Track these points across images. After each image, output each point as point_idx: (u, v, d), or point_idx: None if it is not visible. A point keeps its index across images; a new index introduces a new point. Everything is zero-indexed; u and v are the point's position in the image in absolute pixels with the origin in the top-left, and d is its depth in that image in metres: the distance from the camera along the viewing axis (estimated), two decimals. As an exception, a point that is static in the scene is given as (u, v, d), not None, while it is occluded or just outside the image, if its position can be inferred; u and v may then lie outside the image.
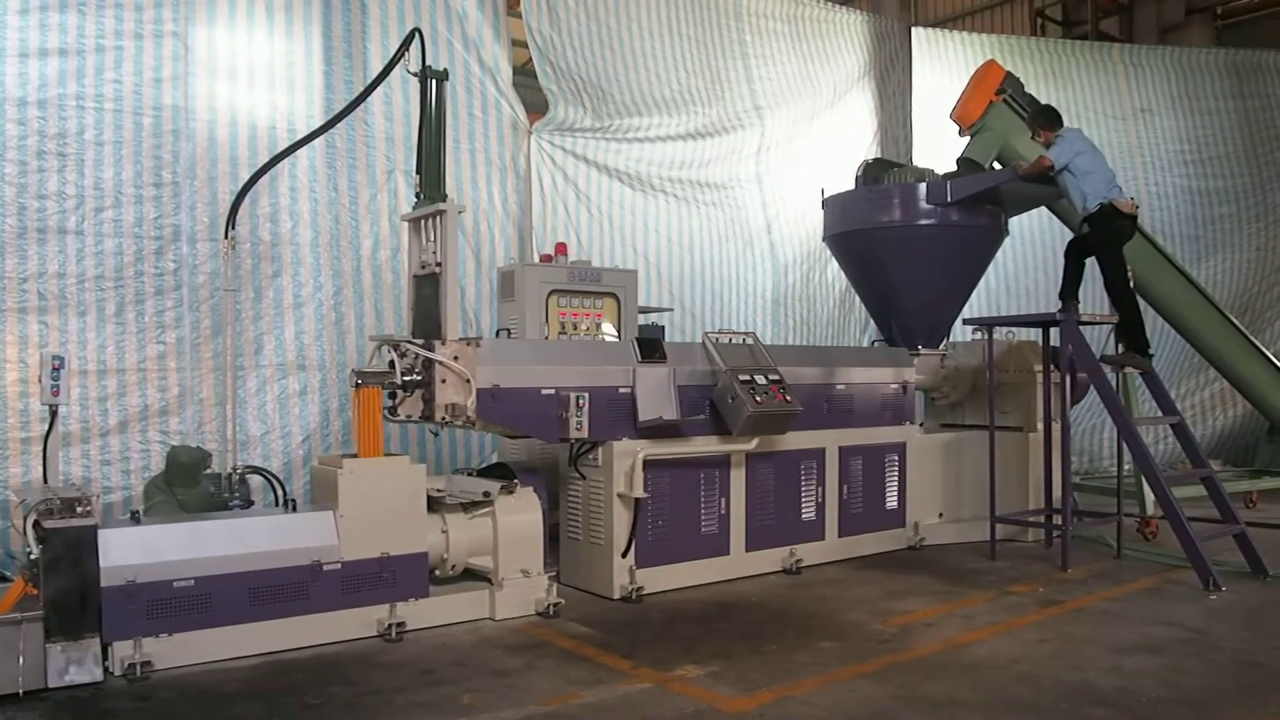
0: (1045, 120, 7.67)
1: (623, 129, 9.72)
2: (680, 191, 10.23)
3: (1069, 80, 12.53)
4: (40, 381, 5.61)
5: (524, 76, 9.34)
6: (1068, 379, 7.44)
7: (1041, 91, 11.90)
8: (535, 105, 9.26)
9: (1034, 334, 8.26)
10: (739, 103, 10.69)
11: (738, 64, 10.74)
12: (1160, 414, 7.76)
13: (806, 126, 11.35)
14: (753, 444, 6.75)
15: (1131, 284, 7.54)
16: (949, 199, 8.09)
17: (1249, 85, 13.22)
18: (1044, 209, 9.37)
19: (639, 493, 6.17)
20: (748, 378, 6.56)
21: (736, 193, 10.73)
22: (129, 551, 4.81)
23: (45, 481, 5.71)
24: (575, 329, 7.19)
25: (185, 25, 7.31)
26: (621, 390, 6.31)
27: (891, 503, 7.90)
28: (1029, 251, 12.09)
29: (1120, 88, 12.79)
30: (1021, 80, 8.86)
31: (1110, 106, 12.83)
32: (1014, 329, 8.47)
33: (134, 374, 7.08)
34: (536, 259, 8.05)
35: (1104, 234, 7.42)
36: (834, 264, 10.27)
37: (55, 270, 6.80)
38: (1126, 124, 12.58)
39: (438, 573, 5.83)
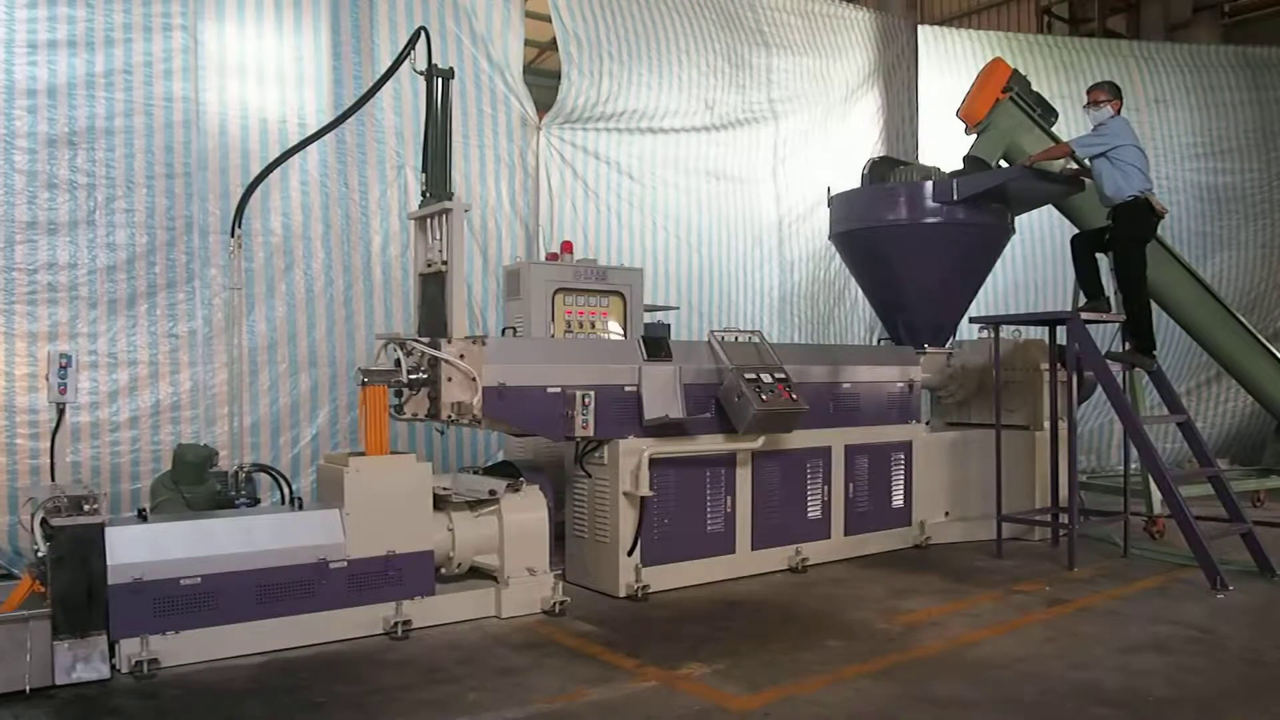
0: (1110, 88, 7.58)
1: (638, 116, 9.69)
2: (690, 188, 10.22)
3: (1079, 72, 12.43)
4: (48, 379, 5.63)
5: (532, 75, 9.33)
6: (1074, 377, 7.42)
7: (1052, 84, 11.89)
8: (544, 104, 9.25)
9: (1040, 332, 8.25)
10: (756, 93, 10.68)
11: (760, 52, 10.74)
12: (1167, 412, 7.77)
13: (817, 122, 11.34)
14: (759, 442, 6.74)
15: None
16: (955, 197, 8.06)
17: (1262, 79, 13.17)
18: (1050, 207, 9.33)
19: (645, 491, 6.17)
20: (754, 376, 6.56)
21: (747, 188, 10.71)
22: (136, 549, 4.82)
23: (53, 479, 5.73)
24: (581, 327, 7.19)
25: (194, 20, 7.33)
26: (627, 388, 6.31)
27: (897, 501, 7.90)
28: (1036, 249, 12.04)
29: (1133, 80, 12.72)
30: (1029, 78, 8.84)
31: (1125, 98, 12.75)
32: (1020, 327, 8.46)
33: (145, 368, 7.10)
34: (543, 257, 8.05)
35: (1133, 228, 7.36)
36: (840, 262, 10.26)
37: (66, 261, 6.83)
38: (1140, 115, 12.47)
39: (444, 571, 5.83)
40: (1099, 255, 7.81)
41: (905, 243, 8.32)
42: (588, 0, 9.34)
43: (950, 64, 12.36)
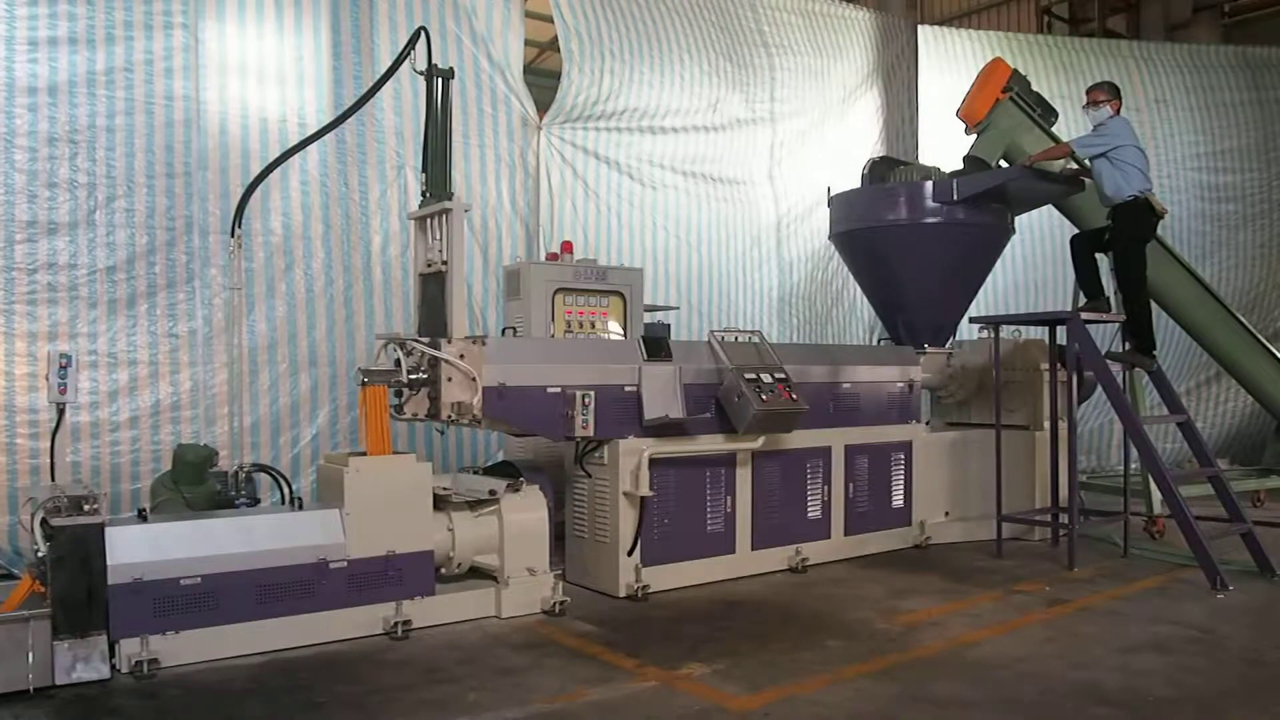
0: (1109, 88, 7.58)
1: (639, 115, 9.68)
2: (690, 187, 10.22)
3: (1079, 72, 12.42)
4: (48, 379, 5.62)
5: (532, 75, 9.32)
6: (1074, 377, 7.42)
7: (1052, 84, 11.88)
8: (544, 104, 9.24)
9: (1040, 332, 8.25)
10: (755, 92, 10.67)
11: (760, 52, 10.74)
12: (1167, 412, 7.77)
13: (817, 123, 11.34)
14: (759, 442, 6.74)
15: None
16: (955, 197, 8.07)
17: (1262, 79, 13.16)
18: (1051, 207, 9.33)
19: (645, 491, 6.17)
20: (754, 376, 6.56)
21: (746, 188, 10.71)
22: (136, 549, 4.82)
23: (53, 479, 5.73)
24: (581, 327, 7.19)
25: (195, 18, 7.32)
26: (627, 388, 6.31)
27: (897, 501, 7.90)
28: (1036, 249, 12.05)
29: (1133, 80, 12.71)
30: (1029, 78, 8.84)
31: (1125, 98, 12.77)
32: (1020, 327, 8.46)
33: (145, 368, 7.09)
34: (543, 257, 8.05)
35: (1133, 227, 7.36)
36: (838, 262, 10.27)
37: (66, 261, 6.82)
38: (1140, 115, 12.46)
39: (444, 571, 5.83)
40: (1099, 255, 7.81)
41: (905, 243, 8.32)
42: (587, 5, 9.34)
43: (950, 64, 12.36)
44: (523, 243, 8.93)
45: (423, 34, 6.21)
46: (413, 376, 5.86)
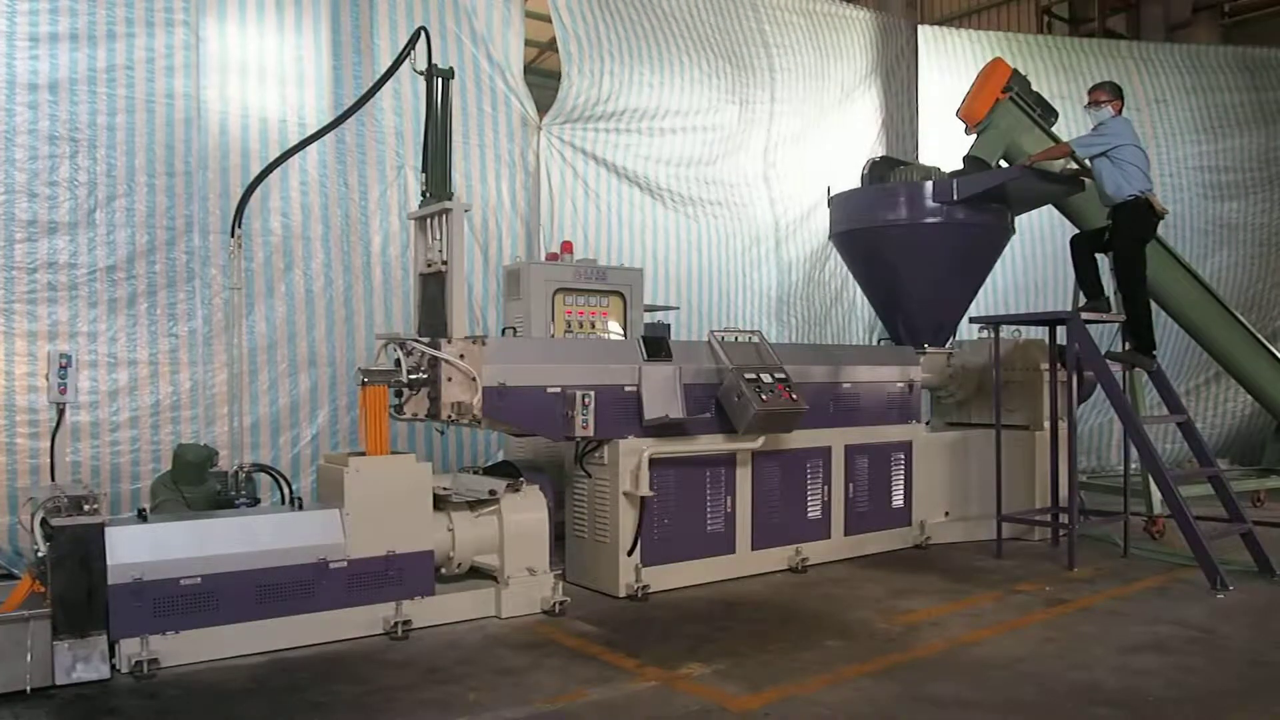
0: (1111, 88, 7.60)
1: (639, 116, 9.67)
2: (690, 188, 10.21)
3: (1079, 73, 12.41)
4: (48, 379, 5.62)
5: (532, 75, 9.31)
6: (1074, 377, 7.42)
7: (1052, 84, 11.88)
8: (544, 104, 9.24)
9: (1040, 332, 8.25)
10: (756, 92, 10.67)
11: (761, 52, 10.73)
12: (1167, 412, 7.77)
13: (817, 122, 11.34)
14: (759, 442, 6.74)
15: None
16: (955, 197, 8.07)
17: (1262, 79, 13.16)
18: (1051, 207, 9.33)
19: (645, 491, 6.17)
20: (754, 376, 6.55)
21: (746, 189, 10.70)
22: (136, 549, 4.82)
23: (53, 479, 5.73)
24: (581, 327, 7.19)
25: (196, 15, 7.32)
26: (627, 388, 6.30)
27: (898, 501, 7.90)
28: (1036, 249, 12.04)
29: (1133, 80, 12.71)
30: (1029, 78, 8.84)
31: (1125, 98, 12.76)
32: (1020, 327, 8.46)
33: (145, 367, 7.09)
34: (543, 257, 8.06)
35: (1133, 226, 7.36)
36: (837, 262, 10.26)
37: (66, 260, 6.81)
38: (1140, 115, 12.45)
39: (444, 571, 5.83)
40: (1099, 255, 7.81)
41: (905, 243, 8.32)
42: (587, 0, 9.35)
43: (950, 64, 12.35)
44: (523, 243, 8.93)
45: (423, 34, 6.20)
46: (413, 376, 5.86)
